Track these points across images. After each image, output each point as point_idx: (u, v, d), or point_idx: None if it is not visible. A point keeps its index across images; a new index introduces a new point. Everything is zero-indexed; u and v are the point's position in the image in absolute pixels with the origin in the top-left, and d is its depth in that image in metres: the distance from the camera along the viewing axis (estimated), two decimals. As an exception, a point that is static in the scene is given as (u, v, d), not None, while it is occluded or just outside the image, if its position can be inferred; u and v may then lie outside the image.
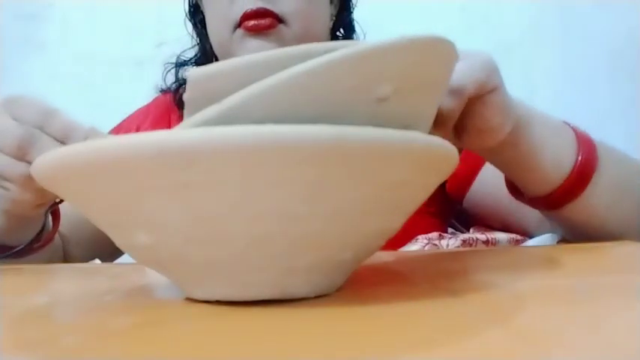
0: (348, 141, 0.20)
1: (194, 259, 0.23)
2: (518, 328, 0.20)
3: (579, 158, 0.43)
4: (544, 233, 0.54)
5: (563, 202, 0.44)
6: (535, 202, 0.46)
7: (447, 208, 0.67)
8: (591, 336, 0.19)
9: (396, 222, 0.25)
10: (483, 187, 0.61)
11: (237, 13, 0.60)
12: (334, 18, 0.71)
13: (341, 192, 0.21)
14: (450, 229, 0.69)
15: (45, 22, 1.45)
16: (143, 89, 0.77)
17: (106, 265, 0.58)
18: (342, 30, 0.73)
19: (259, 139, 0.19)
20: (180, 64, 0.74)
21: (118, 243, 0.25)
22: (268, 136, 0.19)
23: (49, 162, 0.22)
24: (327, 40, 0.68)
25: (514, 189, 0.48)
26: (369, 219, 0.23)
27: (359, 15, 0.75)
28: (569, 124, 0.46)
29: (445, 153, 0.24)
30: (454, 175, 0.63)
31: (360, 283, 0.29)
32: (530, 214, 0.54)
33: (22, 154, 0.40)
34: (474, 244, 0.51)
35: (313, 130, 0.20)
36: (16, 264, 0.46)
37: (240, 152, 0.19)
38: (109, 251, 0.62)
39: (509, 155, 0.43)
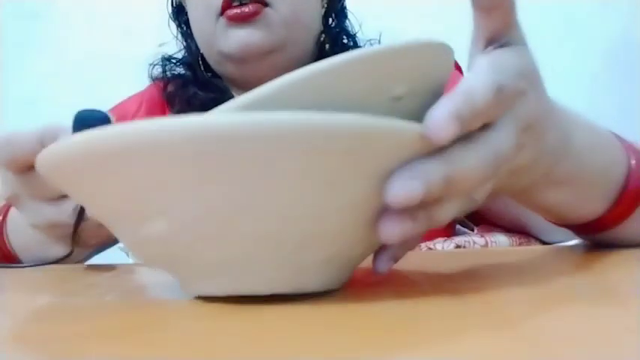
0: (366, 129, 0.20)
1: (206, 255, 0.23)
2: (518, 329, 0.20)
3: (629, 186, 0.35)
4: (557, 236, 0.51)
5: (600, 229, 0.37)
6: (567, 226, 0.39)
7: None
8: (591, 336, 0.19)
9: None
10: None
11: None
12: (326, 5, 0.68)
13: (354, 187, 0.22)
14: (457, 226, 0.69)
15: (46, 22, 1.45)
16: (143, 89, 0.76)
17: (106, 265, 0.58)
18: (334, 16, 0.70)
19: (275, 127, 0.19)
20: (166, 59, 0.72)
21: (127, 238, 0.25)
22: (286, 123, 0.19)
23: (60, 150, 0.22)
24: (318, 27, 0.67)
25: None
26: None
27: (354, 6, 0.74)
28: (619, 138, 0.37)
29: None
30: None
31: (360, 283, 0.29)
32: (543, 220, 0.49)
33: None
34: (469, 248, 0.51)
35: (330, 119, 0.20)
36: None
37: (254, 142, 0.19)
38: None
39: (548, 197, 0.34)
